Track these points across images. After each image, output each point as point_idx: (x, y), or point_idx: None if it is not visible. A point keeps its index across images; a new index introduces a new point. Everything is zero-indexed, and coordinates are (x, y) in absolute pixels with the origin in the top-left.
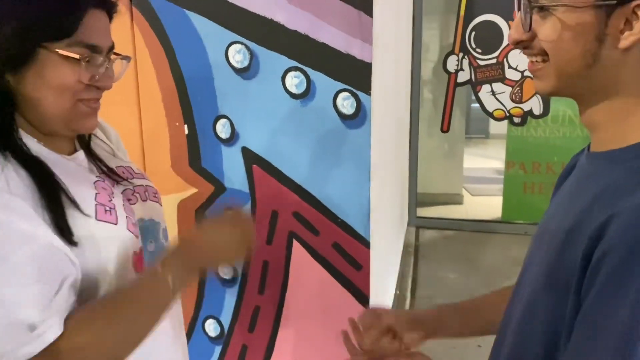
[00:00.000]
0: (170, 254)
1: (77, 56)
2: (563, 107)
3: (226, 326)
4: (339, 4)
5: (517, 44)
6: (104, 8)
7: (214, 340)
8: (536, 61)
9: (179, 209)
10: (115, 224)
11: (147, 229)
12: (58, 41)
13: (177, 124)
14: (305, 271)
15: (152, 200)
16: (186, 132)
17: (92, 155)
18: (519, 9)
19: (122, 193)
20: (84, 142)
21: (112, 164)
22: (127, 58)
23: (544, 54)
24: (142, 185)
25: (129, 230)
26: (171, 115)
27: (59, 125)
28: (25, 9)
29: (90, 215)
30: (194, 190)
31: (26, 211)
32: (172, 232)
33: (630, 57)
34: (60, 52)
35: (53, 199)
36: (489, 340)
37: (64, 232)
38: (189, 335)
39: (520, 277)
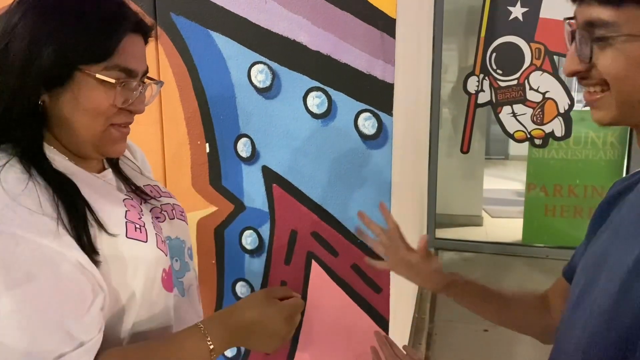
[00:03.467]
0: (219, 318)
1: (113, 80)
2: (585, 129)
3: (242, 348)
4: (361, 25)
5: (573, 75)
6: (140, 32)
7: None
8: (594, 91)
9: (198, 227)
10: (146, 241)
11: (174, 248)
12: (95, 64)
13: (198, 142)
14: (323, 292)
15: (179, 219)
16: (207, 150)
17: (120, 174)
18: (572, 41)
19: (150, 211)
20: (112, 161)
21: (140, 182)
22: (159, 83)
23: (603, 84)
24: (169, 203)
25: (159, 248)
26: (193, 133)
27: (89, 148)
28: (67, 31)
29: (119, 234)
30: (214, 208)
31: (54, 229)
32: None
33: None
34: (98, 75)
35: (78, 217)
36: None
37: (88, 250)
38: None
39: (571, 307)
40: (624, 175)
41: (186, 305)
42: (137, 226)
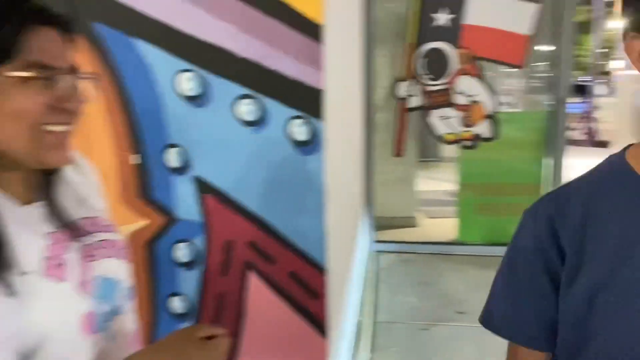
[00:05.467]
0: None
1: (29, 74)
2: (512, 130)
3: None
4: (289, 32)
5: None
6: (52, 25)
7: None
8: None
9: (129, 241)
10: (62, 281)
11: (105, 288)
12: (3, 65)
13: (125, 153)
14: (262, 301)
15: (117, 257)
16: (135, 162)
17: (52, 206)
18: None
19: (83, 247)
20: (47, 189)
21: (78, 214)
22: (94, 77)
23: None
24: (107, 239)
25: (80, 289)
26: (120, 144)
27: (21, 158)
28: None
29: (32, 271)
30: (145, 221)
31: None
32: None
33: None
34: (9, 74)
35: None
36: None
37: (2, 284)
38: None
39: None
40: (545, 172)
41: (116, 351)
42: (56, 263)
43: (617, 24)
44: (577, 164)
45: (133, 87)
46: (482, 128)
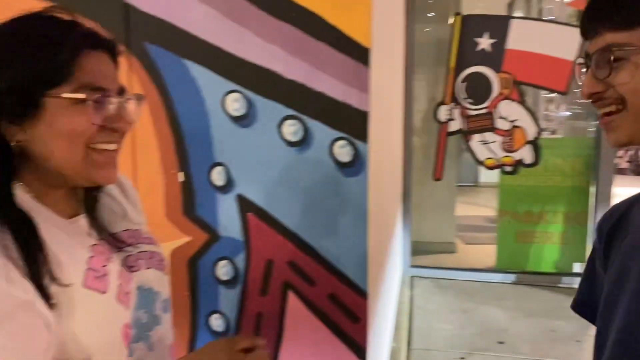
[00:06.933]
0: None
1: (83, 96)
2: (553, 157)
3: None
4: (336, 55)
5: (590, 97)
6: (101, 49)
7: None
8: (610, 112)
9: (172, 258)
10: (104, 292)
11: (144, 299)
12: (59, 87)
13: (172, 171)
14: (300, 323)
15: (156, 268)
16: (181, 179)
17: (95, 219)
18: (587, 68)
19: (124, 259)
20: (90, 203)
21: (119, 227)
22: (139, 97)
23: (619, 102)
24: (147, 251)
25: (119, 300)
26: (167, 162)
27: (72, 177)
28: (16, 61)
29: (74, 282)
30: (188, 238)
31: (5, 272)
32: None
33: None
34: (65, 95)
35: (31, 260)
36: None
37: (41, 294)
38: None
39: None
40: (590, 200)
41: None
42: (98, 275)
43: None
44: (623, 192)
45: (181, 106)
46: (524, 153)
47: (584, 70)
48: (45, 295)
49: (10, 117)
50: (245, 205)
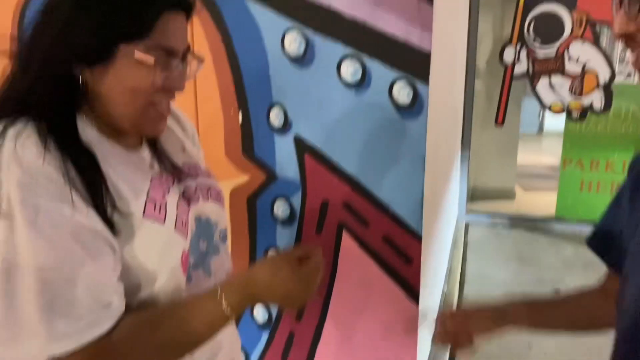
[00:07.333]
0: (234, 284)
1: (152, 61)
2: (626, 102)
3: (274, 313)
4: None
5: (622, 37)
6: (181, 9)
7: (261, 326)
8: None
9: (231, 196)
10: (162, 222)
11: (203, 228)
12: (135, 42)
13: (232, 111)
14: (353, 263)
15: (214, 201)
16: (240, 119)
17: (156, 151)
18: (620, 5)
19: (183, 191)
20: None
21: (179, 160)
22: (201, 60)
23: None
24: (205, 184)
25: (177, 229)
26: (226, 102)
27: (126, 126)
28: (105, 7)
29: (134, 212)
30: (246, 177)
31: (70, 199)
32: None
33: None
34: (137, 55)
35: (93, 190)
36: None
37: (104, 223)
38: (238, 319)
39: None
40: None
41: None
42: (157, 205)
43: None
44: None
45: (240, 45)
46: (594, 98)
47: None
48: (108, 223)
49: (83, 57)
50: (302, 147)
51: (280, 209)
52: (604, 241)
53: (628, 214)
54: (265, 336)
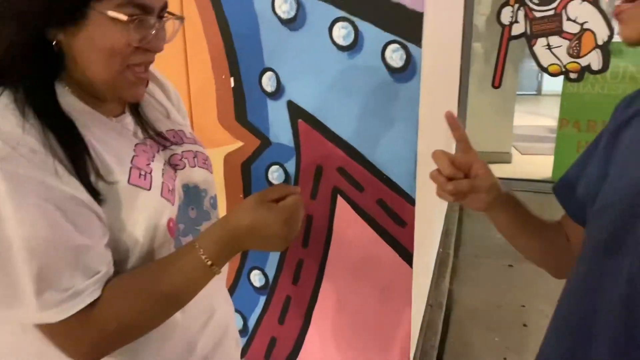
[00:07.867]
0: (211, 234)
1: (125, 17)
2: (624, 62)
3: (271, 277)
4: None
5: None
6: None
7: (258, 290)
8: (624, 2)
9: (225, 162)
10: (148, 189)
11: (191, 196)
12: (107, 1)
13: (223, 76)
14: (348, 227)
15: (201, 167)
16: (232, 85)
17: (139, 118)
18: None
19: (169, 158)
20: (135, 104)
21: (163, 127)
22: (180, 18)
23: None
24: (191, 150)
25: (164, 196)
26: (218, 68)
27: (105, 91)
28: None
29: (119, 180)
30: (240, 143)
31: (53, 169)
32: (219, 184)
33: None
34: (109, 13)
35: (75, 159)
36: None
37: (89, 192)
38: (235, 284)
39: (603, 251)
40: None
41: None
42: (142, 173)
43: None
44: None
45: (231, 10)
46: (591, 59)
47: None
48: (93, 192)
49: (55, 18)
50: (296, 112)
51: (275, 174)
52: (568, 190)
53: (603, 160)
54: (262, 300)
